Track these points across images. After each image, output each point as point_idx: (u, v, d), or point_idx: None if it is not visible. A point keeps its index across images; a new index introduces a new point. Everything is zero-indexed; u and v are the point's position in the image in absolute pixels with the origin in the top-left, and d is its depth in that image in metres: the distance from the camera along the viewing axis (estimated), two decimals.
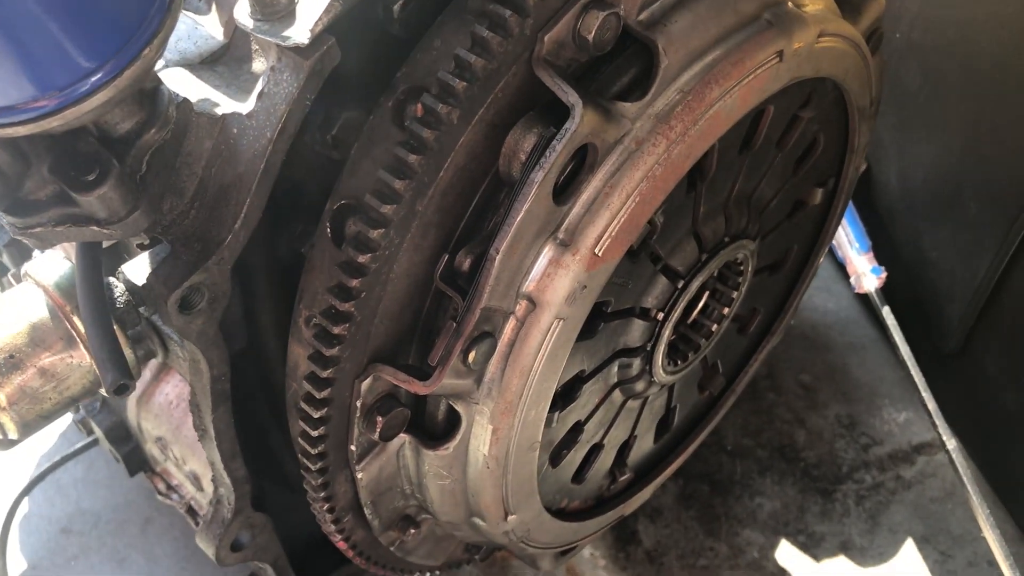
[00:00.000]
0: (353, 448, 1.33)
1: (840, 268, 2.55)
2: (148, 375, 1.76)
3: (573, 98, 1.09)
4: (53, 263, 1.27)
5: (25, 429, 1.27)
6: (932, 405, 2.14)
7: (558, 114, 1.11)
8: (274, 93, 1.09)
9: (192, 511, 1.91)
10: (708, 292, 1.74)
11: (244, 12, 1.06)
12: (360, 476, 1.39)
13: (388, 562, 1.70)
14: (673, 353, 1.69)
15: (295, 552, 1.74)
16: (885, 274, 2.37)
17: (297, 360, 1.29)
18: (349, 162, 1.18)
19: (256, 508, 1.55)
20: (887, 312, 2.31)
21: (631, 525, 2.29)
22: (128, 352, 1.24)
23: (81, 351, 1.24)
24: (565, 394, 1.49)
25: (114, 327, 1.19)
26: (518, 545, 1.65)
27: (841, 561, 2.27)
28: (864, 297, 2.42)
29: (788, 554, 2.28)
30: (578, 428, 1.60)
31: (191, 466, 1.80)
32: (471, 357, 1.19)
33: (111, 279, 1.24)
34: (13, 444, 1.29)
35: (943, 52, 2.14)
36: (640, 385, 1.64)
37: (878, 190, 2.49)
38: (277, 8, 1.05)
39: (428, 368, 1.20)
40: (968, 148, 2.16)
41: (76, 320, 1.22)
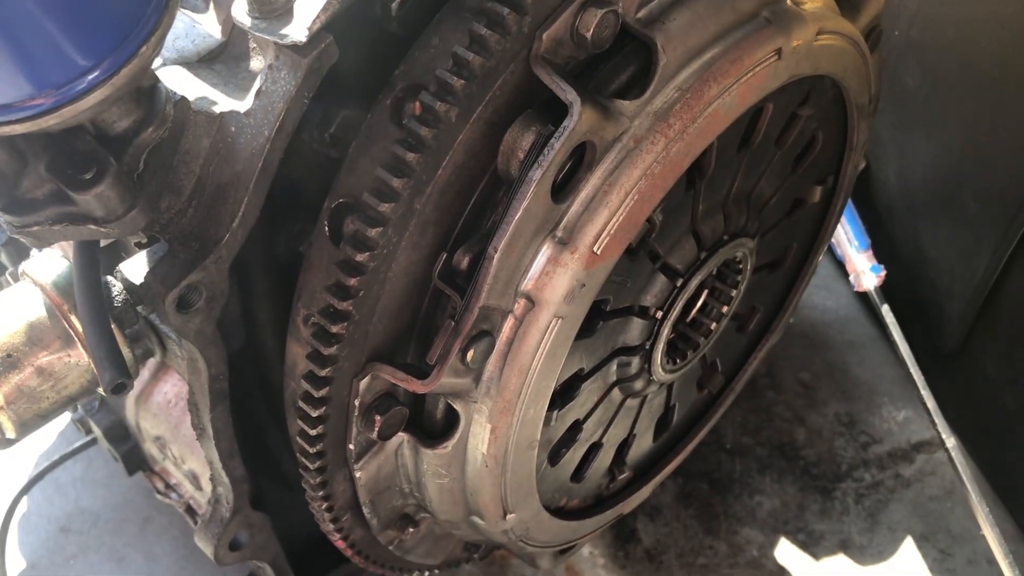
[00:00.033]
0: (351, 447, 1.33)
1: (839, 266, 2.54)
2: (146, 374, 1.75)
3: (571, 96, 1.09)
4: (51, 262, 1.27)
5: (23, 428, 1.27)
6: (931, 403, 2.14)
7: (556, 112, 1.11)
8: (272, 91, 1.09)
9: (191, 510, 1.91)
10: (707, 290, 1.74)
11: (242, 10, 1.06)
12: (358, 475, 1.38)
13: (387, 561, 1.69)
14: (672, 351, 1.69)
15: (294, 551, 1.74)
16: (884, 272, 2.36)
17: (295, 359, 1.29)
18: (347, 160, 1.18)
19: (255, 507, 1.55)
20: (886, 310, 2.31)
21: (630, 523, 2.29)
22: (126, 351, 1.24)
23: (79, 350, 1.24)
24: (564, 393, 1.48)
25: (112, 326, 1.19)
26: (517, 544, 1.65)
27: (840, 559, 2.27)
28: (863, 295, 2.42)
29: (787, 552, 2.27)
30: (577, 427, 1.59)
31: (190, 465, 1.80)
32: (469, 356, 1.18)
33: (109, 278, 1.24)
34: (11, 443, 1.29)
35: (942, 50, 2.14)
36: (639, 383, 1.64)
37: (877, 188, 2.48)
38: (275, 6, 1.05)
39: (426, 367, 1.20)
40: (967, 146, 2.16)
41: (74, 319, 1.22)
